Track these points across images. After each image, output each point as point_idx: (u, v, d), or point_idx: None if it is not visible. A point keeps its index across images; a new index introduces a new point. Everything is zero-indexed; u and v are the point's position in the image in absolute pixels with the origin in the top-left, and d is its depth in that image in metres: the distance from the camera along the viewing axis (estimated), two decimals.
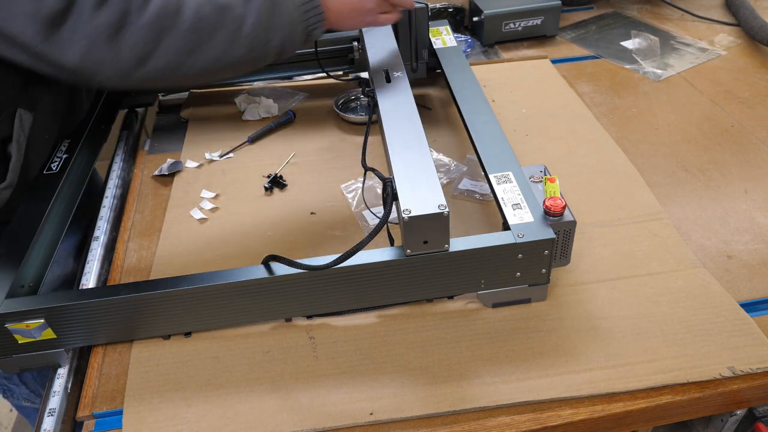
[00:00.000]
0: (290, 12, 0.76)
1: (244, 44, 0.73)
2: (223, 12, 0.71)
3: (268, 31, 0.75)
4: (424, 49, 1.10)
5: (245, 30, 0.73)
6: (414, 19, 1.04)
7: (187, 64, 0.71)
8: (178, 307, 0.72)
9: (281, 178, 1.00)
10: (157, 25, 0.68)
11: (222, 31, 0.71)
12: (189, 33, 0.69)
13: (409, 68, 1.10)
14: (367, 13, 0.85)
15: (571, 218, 0.72)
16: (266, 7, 0.74)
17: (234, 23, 0.72)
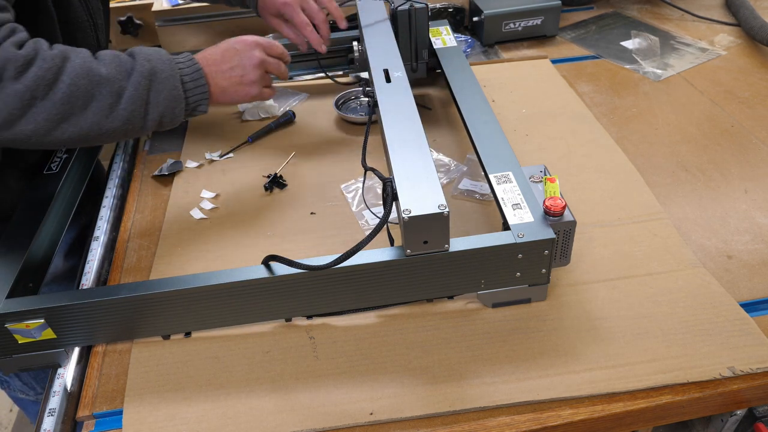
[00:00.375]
0: (171, 88, 0.77)
1: (119, 117, 0.74)
2: (100, 85, 0.72)
3: (147, 105, 0.76)
4: (424, 49, 1.09)
5: (122, 104, 0.73)
6: (414, 19, 1.04)
7: (57, 131, 0.72)
8: (178, 307, 0.72)
9: (281, 178, 1.00)
10: (27, 93, 0.68)
11: (97, 104, 0.72)
12: (60, 104, 0.70)
13: (409, 68, 1.09)
14: (251, 86, 0.86)
15: (571, 218, 0.72)
16: (146, 83, 0.75)
17: (110, 96, 0.73)
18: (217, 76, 0.83)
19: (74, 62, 0.71)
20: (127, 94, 0.74)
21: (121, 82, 0.74)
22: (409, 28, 1.05)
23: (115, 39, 1.43)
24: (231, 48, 0.85)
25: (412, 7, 1.02)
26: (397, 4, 1.03)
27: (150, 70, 0.76)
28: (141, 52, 0.77)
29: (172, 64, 0.78)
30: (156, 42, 1.40)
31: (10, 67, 0.67)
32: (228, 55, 0.85)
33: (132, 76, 0.74)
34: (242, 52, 0.85)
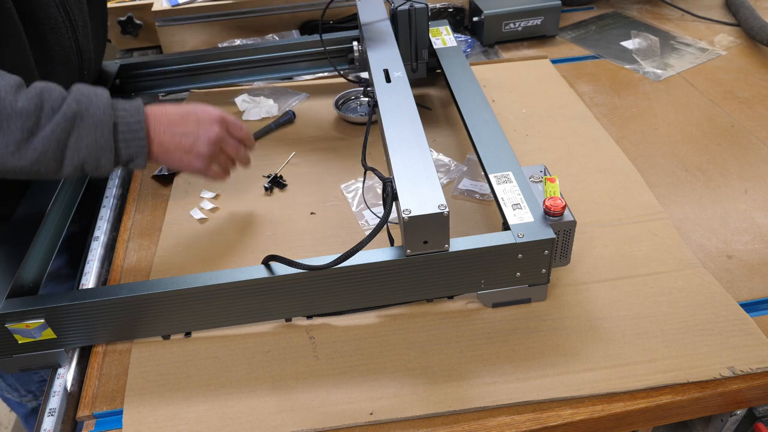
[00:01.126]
0: (98, 137, 0.69)
1: (27, 157, 0.67)
2: (10, 119, 0.65)
3: (64, 149, 0.68)
4: (424, 49, 1.09)
5: (32, 143, 0.67)
6: (414, 19, 1.04)
7: None
8: (178, 307, 0.72)
9: (281, 178, 1.00)
10: None
11: (3, 137, 0.65)
12: None
13: (409, 68, 1.09)
14: (198, 158, 0.77)
15: (571, 218, 0.72)
16: (66, 126, 0.68)
17: (20, 132, 0.66)
18: (165, 135, 0.74)
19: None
20: (42, 133, 0.67)
21: (39, 119, 0.67)
22: (409, 28, 1.05)
23: (115, 39, 1.43)
24: (192, 113, 0.77)
25: (412, 7, 1.02)
26: (397, 4, 1.03)
27: (75, 112, 0.68)
28: (77, 91, 0.70)
29: (108, 110, 0.70)
30: (156, 42, 1.40)
31: None
32: (187, 119, 0.76)
33: (54, 116, 0.67)
34: (202, 121, 0.77)
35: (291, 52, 1.19)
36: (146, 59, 1.20)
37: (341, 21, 1.38)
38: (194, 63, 1.18)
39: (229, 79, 1.22)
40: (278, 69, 1.21)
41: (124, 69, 1.16)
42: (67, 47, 0.88)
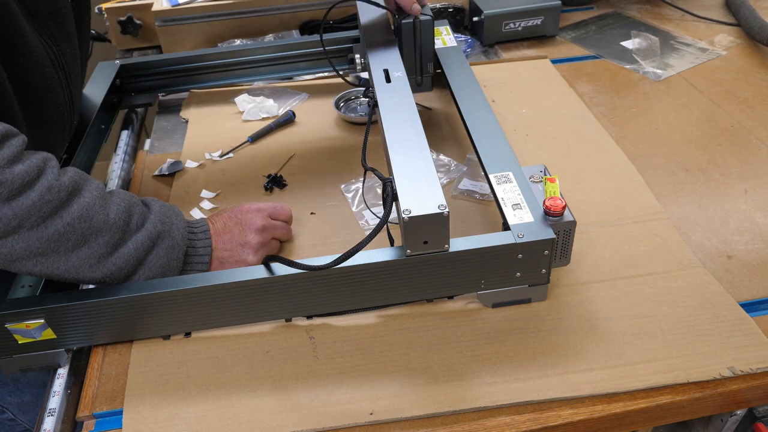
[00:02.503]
0: (172, 258, 0.72)
1: (103, 270, 0.68)
2: (100, 233, 0.65)
3: (138, 266, 0.70)
4: (430, 63, 1.04)
5: (113, 258, 0.67)
6: (419, 33, 0.98)
7: (28, 263, 0.65)
8: (178, 307, 0.72)
9: (281, 178, 1.00)
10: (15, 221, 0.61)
11: (87, 250, 0.66)
12: (47, 241, 0.63)
13: (414, 82, 1.05)
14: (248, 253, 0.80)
15: (571, 218, 0.72)
16: (149, 244, 0.69)
17: (105, 247, 0.66)
18: (218, 247, 0.78)
19: (83, 200, 0.64)
20: (124, 249, 0.68)
21: (125, 234, 0.68)
22: (413, 41, 1.00)
23: (115, 39, 1.43)
24: (233, 217, 0.80)
25: (417, 20, 0.97)
26: (401, 17, 0.98)
27: (159, 233, 0.70)
28: (159, 211, 0.72)
29: (185, 233, 0.73)
30: (156, 42, 1.40)
31: (3, 190, 0.59)
32: (229, 224, 0.80)
33: (138, 234, 0.69)
34: (243, 221, 0.80)
35: (291, 52, 1.19)
36: (146, 59, 1.20)
37: (341, 21, 1.38)
38: (194, 63, 1.18)
39: (229, 79, 1.22)
40: (278, 69, 1.21)
41: (124, 69, 1.16)
42: (62, 104, 0.83)
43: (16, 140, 0.63)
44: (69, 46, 0.83)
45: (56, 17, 0.79)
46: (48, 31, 0.78)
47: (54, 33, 0.79)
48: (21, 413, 0.94)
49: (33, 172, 0.62)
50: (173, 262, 0.73)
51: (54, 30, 0.79)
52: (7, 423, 0.94)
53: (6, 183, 0.60)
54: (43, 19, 0.77)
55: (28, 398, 0.92)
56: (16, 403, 0.92)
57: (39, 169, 0.63)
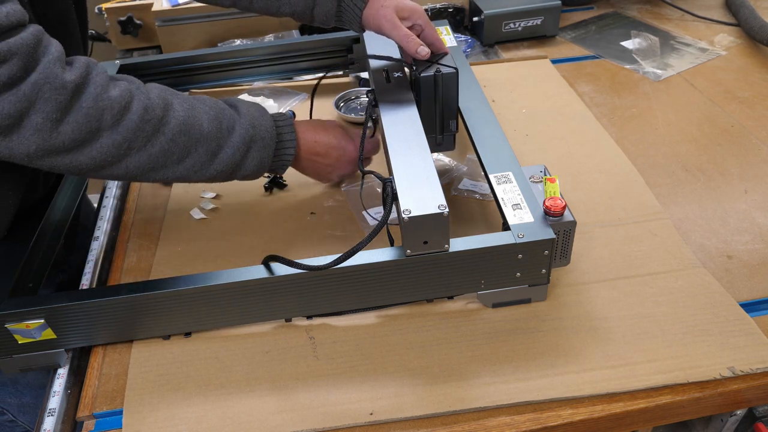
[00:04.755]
0: (265, 157, 0.76)
1: (207, 174, 0.73)
2: (199, 143, 0.70)
3: (236, 169, 0.74)
4: (452, 120, 0.88)
5: (215, 164, 0.72)
6: (441, 87, 0.83)
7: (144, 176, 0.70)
8: (178, 307, 0.72)
9: (281, 178, 1.00)
10: (125, 144, 0.66)
11: (191, 160, 0.70)
12: (156, 156, 0.68)
13: (433, 141, 0.90)
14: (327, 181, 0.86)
15: (571, 218, 0.72)
16: (244, 148, 0.73)
17: (206, 155, 0.71)
18: (308, 161, 0.82)
19: (176, 113, 0.69)
20: (222, 155, 0.72)
21: (220, 141, 0.71)
22: (434, 96, 0.84)
23: (115, 39, 1.43)
24: (336, 149, 0.83)
25: (438, 73, 0.82)
26: (420, 69, 0.82)
27: (252, 137, 0.73)
28: (247, 113, 0.74)
29: (273, 132, 0.76)
30: (156, 42, 1.40)
31: (107, 115, 0.64)
32: (330, 154, 0.83)
33: (232, 137, 0.72)
34: (341, 161, 0.84)
35: (291, 52, 1.19)
36: (146, 59, 1.19)
37: None
38: (194, 63, 1.18)
39: (229, 79, 1.22)
40: (278, 69, 1.21)
41: (124, 69, 1.15)
42: None
43: (98, 68, 0.66)
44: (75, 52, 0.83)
45: (64, 23, 0.80)
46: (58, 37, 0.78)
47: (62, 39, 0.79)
48: (21, 414, 0.94)
49: (126, 95, 0.66)
50: (265, 160, 0.76)
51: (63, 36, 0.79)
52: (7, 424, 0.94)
53: (108, 108, 0.64)
54: (53, 26, 0.77)
55: (27, 399, 0.92)
56: (16, 405, 0.92)
57: (130, 92, 0.66)
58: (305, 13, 0.86)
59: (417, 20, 0.83)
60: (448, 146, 0.93)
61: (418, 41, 0.80)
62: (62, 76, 0.62)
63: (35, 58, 0.61)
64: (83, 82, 0.63)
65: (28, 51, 0.60)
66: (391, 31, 0.81)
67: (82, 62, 0.65)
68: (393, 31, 0.81)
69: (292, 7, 0.86)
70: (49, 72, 0.61)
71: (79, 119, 0.63)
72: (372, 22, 0.83)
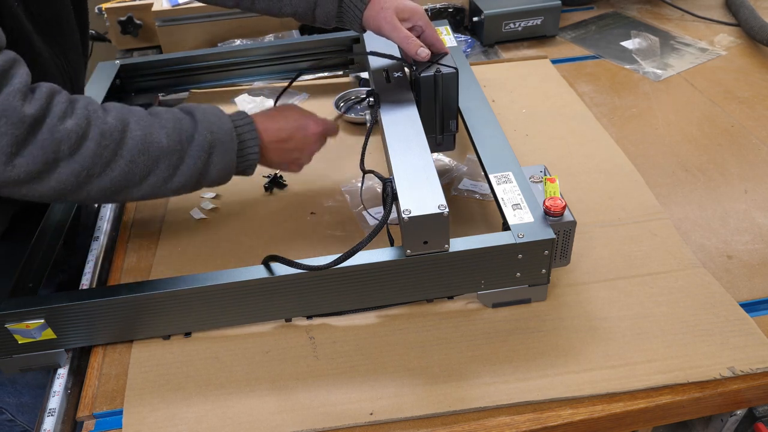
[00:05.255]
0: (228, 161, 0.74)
1: (172, 188, 0.71)
2: (159, 160, 0.69)
3: (200, 177, 0.73)
4: (452, 120, 0.89)
5: (177, 177, 0.71)
6: (441, 87, 0.83)
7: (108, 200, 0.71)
8: (178, 307, 0.72)
9: (281, 178, 1.00)
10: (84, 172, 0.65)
11: (153, 178, 0.69)
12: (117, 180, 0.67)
13: (433, 141, 0.90)
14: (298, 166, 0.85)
15: (571, 218, 0.72)
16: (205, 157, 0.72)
17: (167, 170, 0.70)
18: (274, 151, 0.80)
19: (134, 134, 0.67)
20: (184, 166, 0.71)
21: (181, 153, 0.70)
22: (434, 96, 0.84)
23: (115, 39, 1.43)
24: (299, 130, 0.81)
25: (438, 73, 0.82)
26: (420, 69, 0.83)
27: (210, 143, 0.72)
28: (203, 120, 0.72)
29: (233, 134, 0.74)
30: (156, 42, 1.40)
31: (64, 146, 0.63)
32: (294, 137, 0.81)
33: (191, 148, 0.71)
34: (307, 140, 0.82)
35: (291, 52, 1.19)
36: (146, 59, 1.20)
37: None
38: (194, 63, 1.18)
39: (229, 79, 1.22)
40: (278, 69, 1.21)
41: (124, 69, 1.16)
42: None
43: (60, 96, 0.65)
44: (73, 53, 0.83)
45: (60, 24, 0.79)
46: (53, 38, 0.78)
47: (58, 40, 0.79)
48: (20, 414, 0.94)
49: (83, 123, 0.64)
50: (229, 164, 0.75)
51: (58, 37, 0.79)
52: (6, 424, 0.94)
53: (65, 140, 0.63)
54: (48, 28, 0.77)
55: (26, 399, 0.92)
56: (15, 404, 0.92)
57: (87, 119, 0.65)
58: (306, 14, 0.86)
59: (417, 21, 0.82)
60: (448, 146, 0.93)
61: (418, 42, 0.80)
62: (21, 109, 0.60)
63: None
64: (42, 114, 0.62)
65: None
66: (390, 33, 0.81)
67: (43, 92, 0.63)
68: (393, 33, 0.81)
69: (293, 7, 0.86)
70: (8, 105, 0.60)
71: (34, 152, 0.62)
72: (372, 23, 0.83)
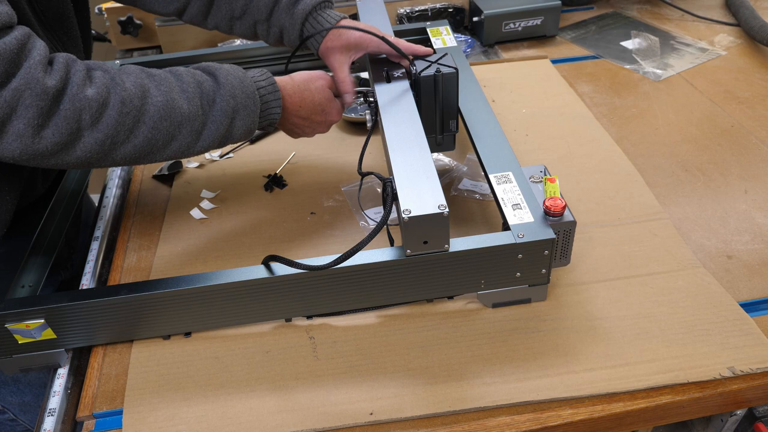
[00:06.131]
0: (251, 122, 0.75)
1: (195, 151, 0.73)
2: (181, 126, 0.70)
3: (224, 140, 0.74)
4: (452, 120, 0.89)
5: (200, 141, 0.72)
6: (441, 87, 0.83)
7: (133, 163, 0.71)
8: (178, 307, 0.72)
9: (281, 178, 1.00)
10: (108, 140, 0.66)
11: (176, 143, 0.70)
12: (141, 146, 0.68)
13: (433, 141, 0.90)
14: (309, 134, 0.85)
15: (571, 218, 0.72)
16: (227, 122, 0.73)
17: (190, 135, 0.71)
18: (289, 120, 0.82)
19: (155, 101, 0.68)
20: (207, 131, 0.72)
21: (203, 118, 0.71)
22: (434, 96, 0.84)
23: (115, 39, 1.43)
24: (321, 114, 0.83)
25: (438, 73, 0.82)
26: (420, 68, 0.83)
27: (234, 108, 0.73)
28: (226, 83, 0.73)
29: (256, 97, 0.75)
30: (156, 42, 1.40)
31: (86, 115, 0.64)
32: (314, 118, 0.83)
33: (213, 112, 0.72)
34: (325, 123, 0.85)
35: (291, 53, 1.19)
36: (146, 59, 1.19)
37: None
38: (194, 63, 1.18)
39: None
40: (278, 69, 1.21)
41: None
42: None
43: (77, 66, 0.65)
44: (75, 51, 0.83)
45: (63, 22, 0.80)
46: (56, 35, 0.79)
47: (62, 37, 0.80)
48: (22, 413, 0.94)
49: (103, 91, 0.65)
50: (252, 125, 0.76)
51: (61, 34, 0.80)
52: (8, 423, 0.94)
53: (86, 108, 0.63)
54: (52, 24, 0.77)
55: (29, 398, 0.92)
56: (17, 404, 0.92)
57: (106, 86, 0.66)
58: (278, 41, 0.91)
59: (369, 48, 0.86)
60: (448, 146, 0.93)
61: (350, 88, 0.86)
62: (43, 81, 0.61)
63: (17, 63, 0.60)
64: (63, 85, 0.63)
65: (10, 56, 0.59)
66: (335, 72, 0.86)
67: (61, 62, 0.64)
68: (336, 73, 0.86)
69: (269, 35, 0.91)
70: (31, 77, 0.60)
71: (59, 123, 0.63)
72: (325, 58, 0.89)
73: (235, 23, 0.91)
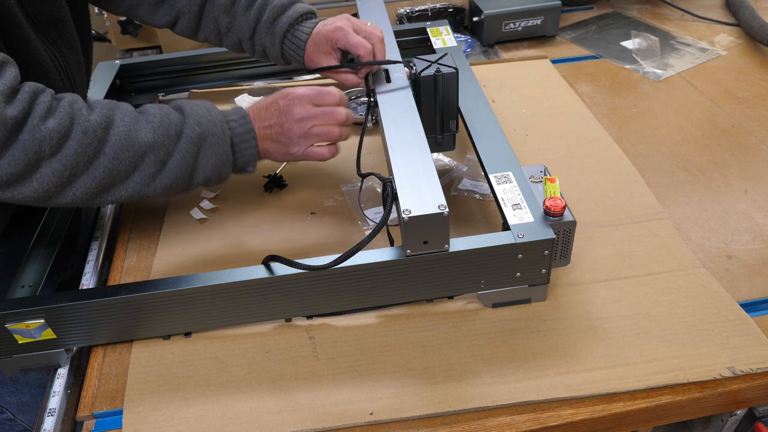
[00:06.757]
0: (221, 153, 0.73)
1: (162, 185, 0.71)
2: (145, 155, 0.68)
3: (192, 172, 0.72)
4: (452, 120, 0.89)
5: (165, 172, 0.70)
6: (441, 87, 0.84)
7: (95, 200, 0.69)
8: (178, 307, 0.72)
9: (281, 178, 1.00)
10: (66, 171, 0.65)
11: (139, 174, 0.69)
12: (101, 178, 0.67)
13: (433, 141, 0.90)
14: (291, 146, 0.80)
15: (571, 218, 0.72)
16: (194, 150, 0.71)
17: (154, 165, 0.69)
18: (262, 133, 0.78)
19: (118, 130, 0.67)
20: (172, 161, 0.70)
21: (168, 148, 0.69)
22: (434, 96, 0.85)
23: (115, 39, 1.43)
24: (274, 102, 0.79)
25: (438, 73, 0.82)
26: (420, 68, 0.83)
27: (199, 135, 0.71)
28: (192, 113, 0.72)
29: (223, 126, 0.73)
30: (156, 42, 1.40)
31: (45, 146, 0.63)
32: (270, 108, 0.79)
33: (180, 142, 0.70)
34: (283, 109, 0.79)
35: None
36: (146, 59, 1.20)
37: None
38: (194, 63, 1.18)
39: (229, 79, 1.22)
40: (278, 69, 1.21)
41: (124, 69, 1.16)
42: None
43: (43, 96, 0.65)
44: (71, 53, 0.83)
45: (57, 24, 0.79)
46: (50, 38, 0.78)
47: (56, 39, 0.79)
48: (20, 413, 0.94)
49: (66, 122, 0.64)
50: (223, 156, 0.74)
51: (55, 37, 0.79)
52: (6, 423, 0.94)
53: (46, 139, 0.63)
54: (45, 27, 0.77)
55: (27, 398, 0.92)
56: (16, 404, 0.92)
57: (70, 117, 0.65)
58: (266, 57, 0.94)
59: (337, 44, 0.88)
60: (448, 146, 0.93)
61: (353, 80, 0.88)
62: (3, 111, 0.60)
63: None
64: (23, 115, 0.62)
65: None
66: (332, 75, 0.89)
67: (27, 92, 0.63)
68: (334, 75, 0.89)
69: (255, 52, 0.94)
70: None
71: (15, 154, 0.62)
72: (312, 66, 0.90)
73: (223, 39, 0.93)
